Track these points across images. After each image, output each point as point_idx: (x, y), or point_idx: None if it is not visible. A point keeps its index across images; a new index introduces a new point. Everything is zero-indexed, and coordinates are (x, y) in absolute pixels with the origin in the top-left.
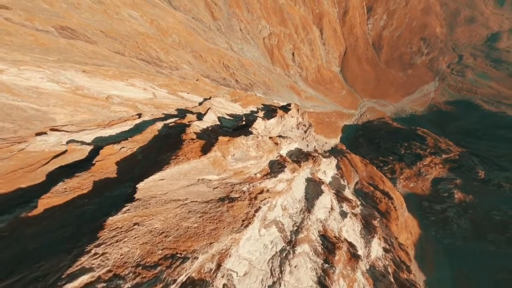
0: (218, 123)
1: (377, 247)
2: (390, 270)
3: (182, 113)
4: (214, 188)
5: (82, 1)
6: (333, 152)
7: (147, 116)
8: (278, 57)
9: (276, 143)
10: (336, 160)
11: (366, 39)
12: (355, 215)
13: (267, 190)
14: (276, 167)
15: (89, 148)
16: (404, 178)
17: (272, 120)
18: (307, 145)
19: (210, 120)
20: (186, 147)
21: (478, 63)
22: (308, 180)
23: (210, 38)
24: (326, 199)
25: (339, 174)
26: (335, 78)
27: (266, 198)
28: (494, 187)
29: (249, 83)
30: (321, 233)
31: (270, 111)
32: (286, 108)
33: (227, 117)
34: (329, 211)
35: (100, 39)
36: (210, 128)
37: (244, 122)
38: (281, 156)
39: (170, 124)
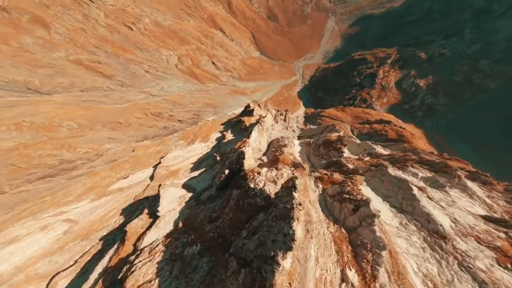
0: (190, 194)
1: (476, 188)
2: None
3: (128, 217)
4: None
5: None
6: (309, 120)
7: (63, 282)
8: (202, 73)
9: (296, 165)
10: (334, 125)
11: (261, 16)
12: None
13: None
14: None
15: None
16: (376, 99)
17: (254, 135)
18: (293, 130)
19: (171, 205)
20: None
21: None
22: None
23: (119, 98)
24: (415, 188)
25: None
26: (262, 61)
27: None
28: (439, 58)
29: (193, 114)
30: (502, 264)
31: (235, 125)
32: (247, 112)
33: (197, 172)
34: (428, 197)
35: None
36: (180, 225)
37: (227, 170)
38: (349, 183)
39: None
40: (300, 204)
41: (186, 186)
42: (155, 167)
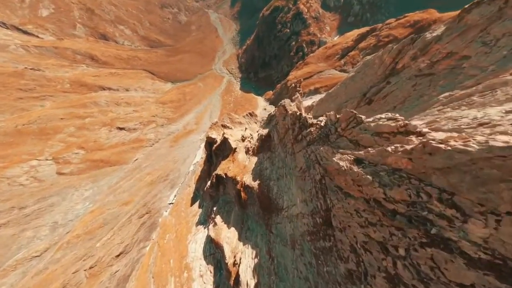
0: None
1: None
2: None
3: None
4: None
5: None
6: (279, 101)
7: None
8: (113, 152)
9: None
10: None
11: (142, 49)
12: None
13: None
14: None
15: None
16: (321, 33)
17: None
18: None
19: None
20: None
21: None
22: None
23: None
24: None
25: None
26: (180, 88)
27: None
28: None
29: (138, 218)
30: None
31: (220, 195)
32: (218, 153)
33: None
34: None
35: None
36: None
37: None
38: None
39: None
40: None
41: None
42: None
